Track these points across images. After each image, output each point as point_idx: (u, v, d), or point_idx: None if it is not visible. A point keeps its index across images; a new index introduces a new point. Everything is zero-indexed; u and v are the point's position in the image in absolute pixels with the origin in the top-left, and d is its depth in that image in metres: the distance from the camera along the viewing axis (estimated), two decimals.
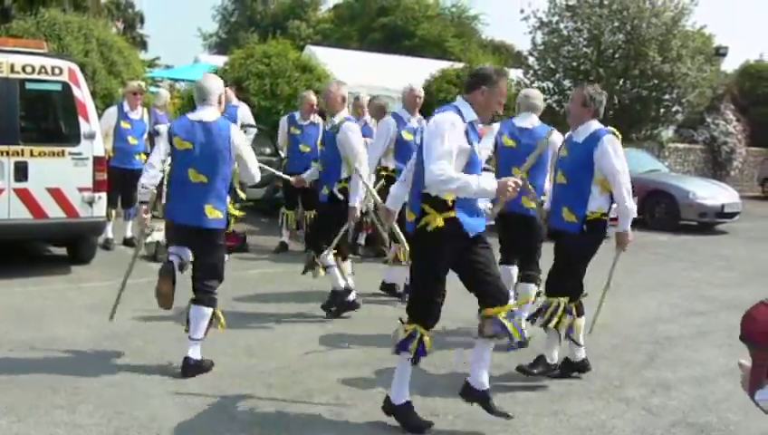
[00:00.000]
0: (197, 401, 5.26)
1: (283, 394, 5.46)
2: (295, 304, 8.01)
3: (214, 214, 5.76)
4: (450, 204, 4.71)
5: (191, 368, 5.76)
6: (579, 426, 5.17)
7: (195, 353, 5.81)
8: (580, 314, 6.00)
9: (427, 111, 8.66)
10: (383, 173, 9.02)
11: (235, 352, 6.31)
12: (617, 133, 5.82)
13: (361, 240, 11.11)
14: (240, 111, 12.18)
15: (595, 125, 5.87)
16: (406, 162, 7.92)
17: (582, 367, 6.15)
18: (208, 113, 5.83)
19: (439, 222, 4.70)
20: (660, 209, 15.54)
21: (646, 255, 12.30)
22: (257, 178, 6.11)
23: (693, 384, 6.11)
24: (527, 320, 6.21)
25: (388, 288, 8.58)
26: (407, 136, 8.33)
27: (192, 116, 5.86)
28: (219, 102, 5.94)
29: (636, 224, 15.18)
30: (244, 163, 5.93)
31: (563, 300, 5.87)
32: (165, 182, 6.75)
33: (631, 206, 5.83)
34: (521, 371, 5.97)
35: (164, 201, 6.67)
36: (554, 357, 6.03)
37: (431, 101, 18.62)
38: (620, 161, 5.73)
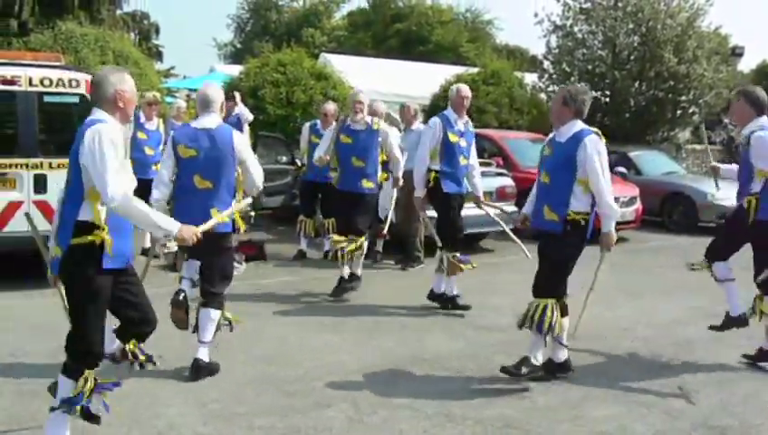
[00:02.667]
0: (216, 409, 5.28)
1: (302, 402, 5.47)
2: (313, 312, 8.03)
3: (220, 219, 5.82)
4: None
5: (202, 370, 5.88)
6: (599, 430, 5.14)
7: (204, 356, 5.93)
8: (563, 314, 5.96)
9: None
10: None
11: (252, 361, 6.33)
12: (600, 134, 5.81)
13: (379, 247, 11.10)
14: (240, 113, 12.45)
15: (578, 125, 5.86)
16: (451, 165, 8.11)
17: (565, 368, 6.09)
18: (211, 120, 5.99)
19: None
20: (679, 211, 15.45)
21: (664, 257, 12.23)
22: (259, 183, 6.09)
23: (713, 387, 6.07)
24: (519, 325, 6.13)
25: (439, 298, 8.31)
26: (453, 138, 8.13)
27: (195, 124, 6.07)
28: (221, 110, 6.11)
29: (654, 226, 15.18)
30: (246, 167, 5.97)
31: (551, 302, 5.82)
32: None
33: (614, 206, 5.82)
34: (505, 372, 5.86)
35: None
36: (539, 358, 5.95)
37: (446, 106, 18.69)
38: (603, 162, 5.72)
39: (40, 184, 8.42)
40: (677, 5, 20.40)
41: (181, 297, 6.06)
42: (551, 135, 6.18)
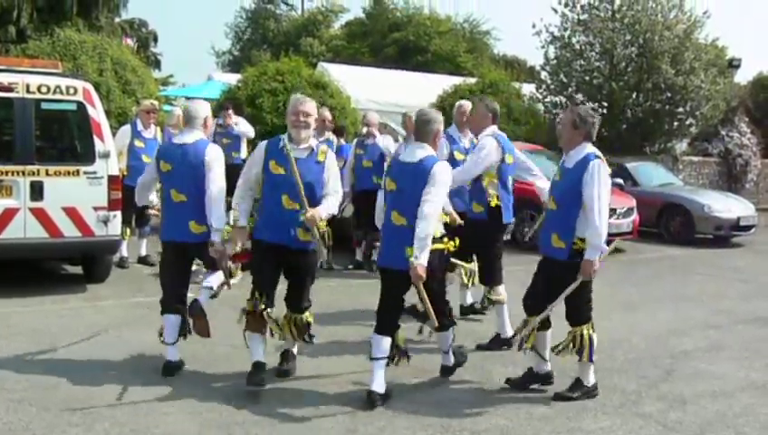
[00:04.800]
0: (213, 417, 5.26)
1: (299, 411, 5.45)
2: None
3: (199, 229, 6.03)
4: None
5: (199, 310, 6.08)
6: None
7: (204, 297, 6.14)
8: (545, 327, 5.97)
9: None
10: None
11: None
12: (602, 158, 5.71)
13: (375, 257, 11.07)
14: (239, 128, 12.73)
15: (587, 149, 5.76)
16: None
17: (546, 379, 6.12)
18: (191, 136, 6.13)
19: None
20: (675, 223, 15.45)
21: (661, 268, 12.25)
22: (213, 199, 5.95)
23: (710, 399, 6.06)
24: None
25: (470, 310, 8.34)
26: (458, 156, 8.00)
27: (176, 139, 6.29)
28: (205, 126, 6.23)
29: (651, 237, 15.19)
30: (208, 181, 5.96)
31: (586, 327, 5.85)
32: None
33: (603, 236, 5.61)
34: (560, 398, 5.87)
35: None
36: (591, 380, 5.98)
37: (444, 117, 18.71)
38: (601, 188, 5.59)
39: (36, 191, 8.39)
40: (675, 17, 20.46)
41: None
42: (561, 160, 6.08)
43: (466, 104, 8.38)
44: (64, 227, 8.54)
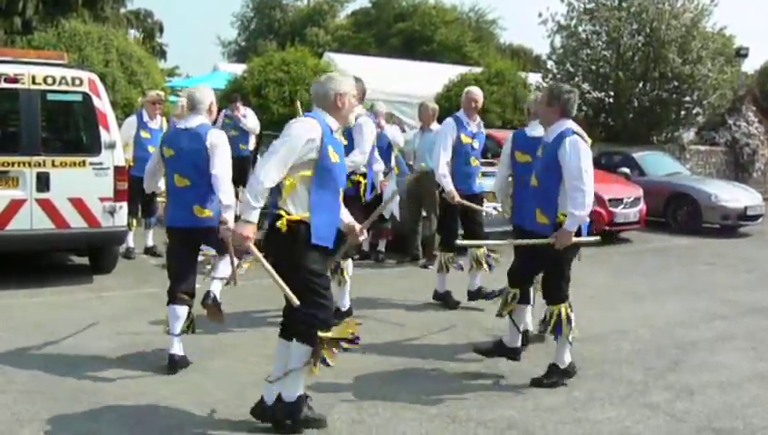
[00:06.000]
0: (220, 410, 5.27)
1: None
2: None
3: (203, 213, 6.05)
4: None
5: (213, 303, 6.27)
6: (603, 433, 5.12)
7: (216, 289, 6.30)
8: (526, 301, 6.09)
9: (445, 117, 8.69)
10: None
11: (256, 362, 6.30)
12: (583, 135, 5.75)
13: (381, 247, 11.08)
14: (246, 121, 12.79)
15: (565, 124, 5.80)
16: (462, 165, 8.19)
17: (513, 354, 6.21)
18: (194, 121, 6.13)
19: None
20: (682, 212, 15.41)
21: (668, 258, 12.22)
22: (219, 177, 5.93)
23: (718, 389, 6.04)
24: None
25: (477, 294, 8.33)
26: (465, 139, 8.25)
27: (179, 125, 6.25)
28: (209, 111, 6.25)
29: (658, 227, 15.15)
30: (213, 164, 5.94)
31: (564, 306, 5.88)
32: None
33: (581, 211, 5.60)
34: (538, 384, 5.91)
35: None
36: (566, 361, 5.99)
37: (450, 106, 18.67)
38: (582, 162, 5.62)
39: (42, 182, 8.40)
40: (682, 6, 20.38)
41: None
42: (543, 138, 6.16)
43: (475, 91, 8.46)
44: (71, 218, 8.54)
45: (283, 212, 4.71)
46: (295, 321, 4.83)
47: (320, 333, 4.78)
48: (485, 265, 8.12)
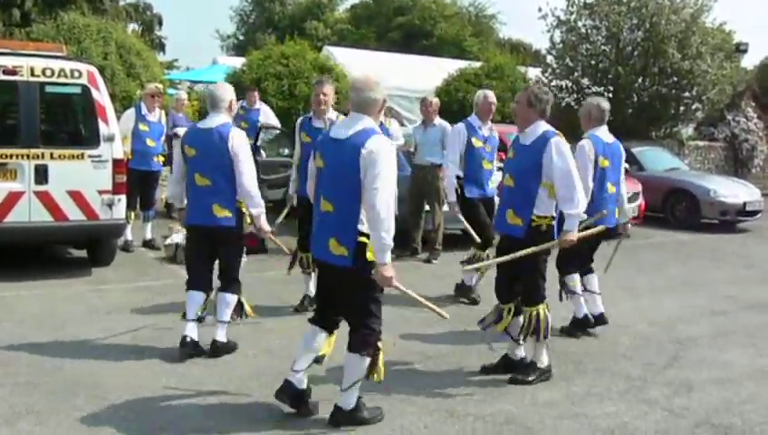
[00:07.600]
0: (219, 402, 5.26)
1: None
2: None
3: (222, 213, 6.04)
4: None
5: (219, 350, 6.17)
6: (601, 428, 5.12)
7: (221, 336, 6.20)
8: (519, 312, 6.00)
9: (446, 114, 8.69)
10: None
11: (255, 354, 6.31)
12: (560, 134, 5.76)
13: None
14: (261, 114, 12.42)
15: (543, 127, 5.82)
16: (474, 169, 8.22)
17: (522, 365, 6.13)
18: (215, 120, 6.12)
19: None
20: (681, 208, 15.41)
21: (667, 254, 12.22)
22: (249, 188, 6.05)
23: (716, 385, 6.04)
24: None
25: (466, 290, 8.39)
26: (477, 143, 8.24)
27: (200, 124, 6.26)
28: (230, 109, 6.23)
29: (657, 222, 15.15)
30: (238, 171, 6.00)
31: (541, 307, 5.86)
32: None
33: (578, 210, 5.69)
34: (515, 382, 5.87)
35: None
36: (545, 361, 5.98)
37: (449, 101, 18.66)
38: (569, 162, 5.68)
39: (41, 175, 8.38)
40: (681, 1, 20.35)
41: (188, 340, 6.11)
42: (514, 137, 6.15)
43: (492, 94, 8.54)
44: (69, 210, 8.53)
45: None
46: (363, 335, 5.11)
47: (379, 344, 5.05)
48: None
